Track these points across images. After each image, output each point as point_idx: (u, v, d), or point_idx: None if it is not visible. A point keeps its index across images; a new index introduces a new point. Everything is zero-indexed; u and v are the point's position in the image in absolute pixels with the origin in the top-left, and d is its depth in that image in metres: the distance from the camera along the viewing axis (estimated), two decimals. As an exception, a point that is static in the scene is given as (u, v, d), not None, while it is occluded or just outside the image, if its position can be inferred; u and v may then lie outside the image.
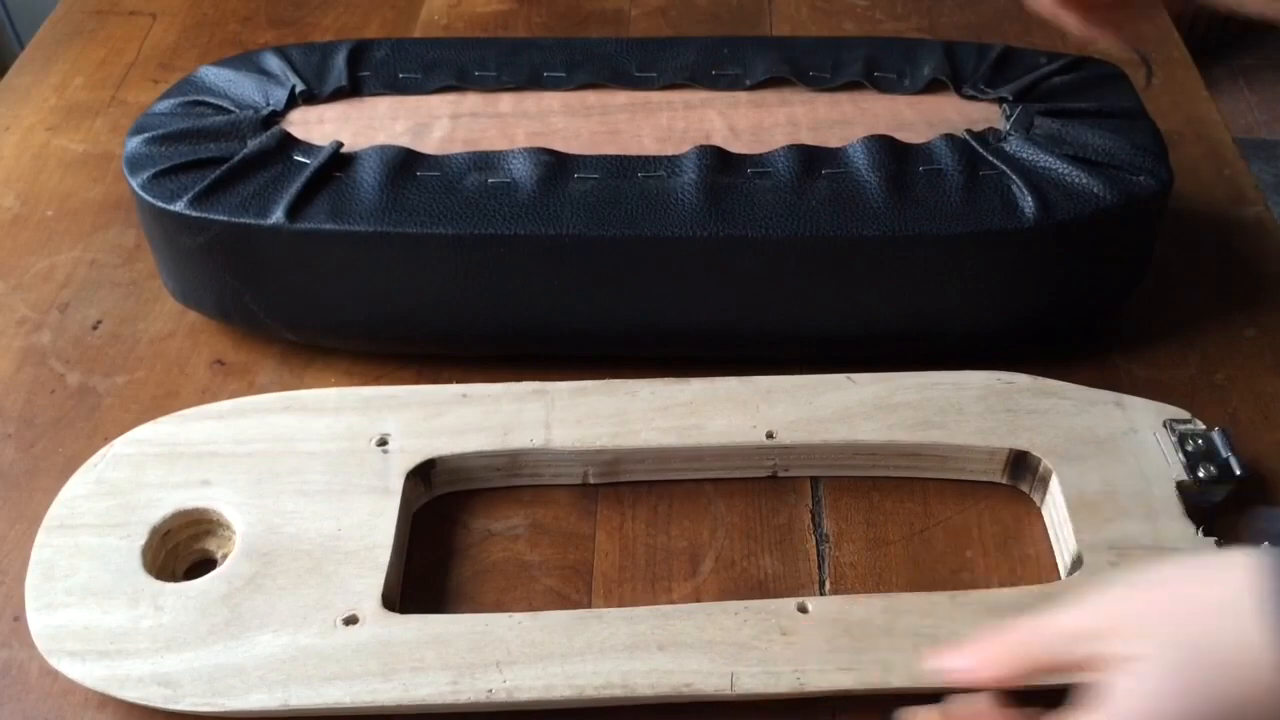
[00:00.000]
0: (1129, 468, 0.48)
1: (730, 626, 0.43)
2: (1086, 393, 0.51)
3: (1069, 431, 0.49)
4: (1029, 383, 0.51)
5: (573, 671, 0.42)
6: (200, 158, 0.53)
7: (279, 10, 0.81)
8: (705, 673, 0.42)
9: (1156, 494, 0.47)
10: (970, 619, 0.43)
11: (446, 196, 0.51)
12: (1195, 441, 0.49)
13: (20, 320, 0.60)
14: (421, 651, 0.43)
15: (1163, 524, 0.46)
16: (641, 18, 0.79)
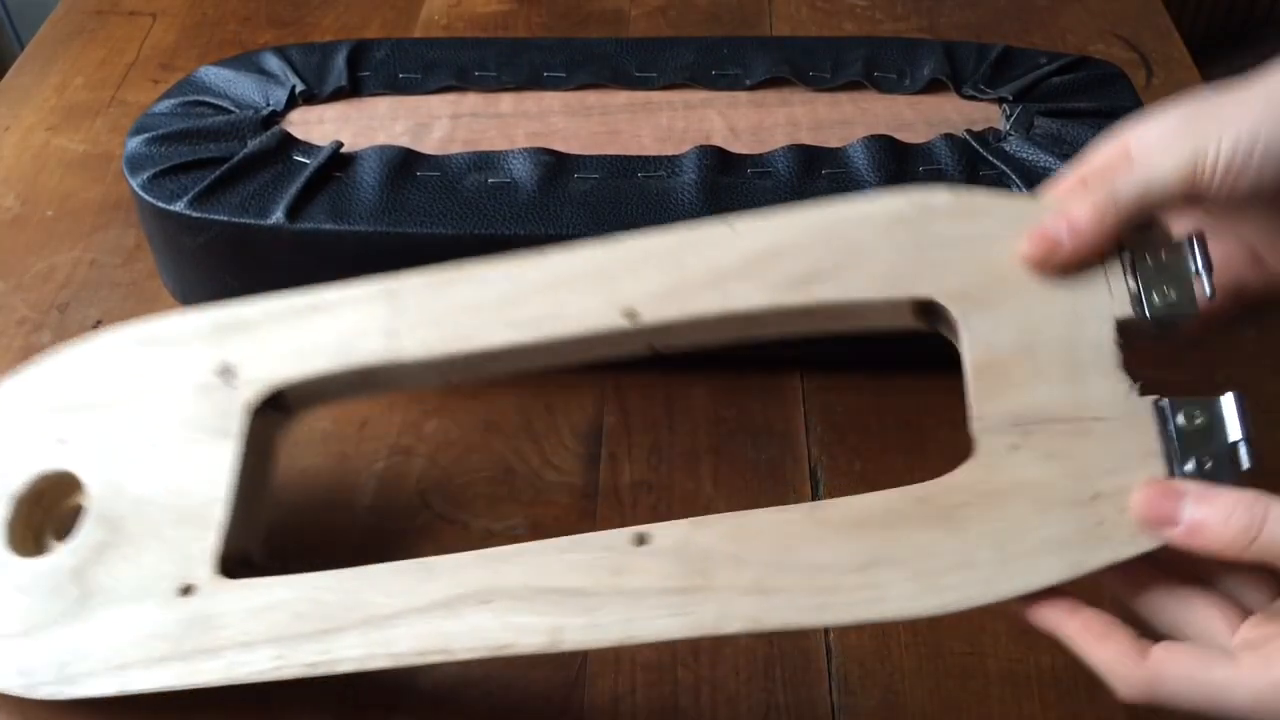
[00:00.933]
0: (1058, 308, 0.38)
1: (558, 570, 0.38)
2: (1022, 205, 0.39)
3: (990, 266, 0.39)
4: (949, 203, 0.40)
5: (391, 637, 0.38)
6: (200, 158, 0.53)
7: (279, 10, 0.81)
8: (528, 628, 0.37)
9: (1087, 340, 0.37)
10: (836, 540, 0.36)
11: (446, 196, 0.51)
12: (1155, 256, 0.37)
13: (20, 320, 0.60)
14: (247, 624, 0.40)
15: (1088, 384, 0.37)
16: (641, 18, 0.79)
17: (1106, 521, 0.35)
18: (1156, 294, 0.37)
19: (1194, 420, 0.36)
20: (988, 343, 0.38)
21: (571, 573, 0.38)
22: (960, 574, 0.35)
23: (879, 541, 0.36)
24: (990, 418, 0.37)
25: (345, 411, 0.55)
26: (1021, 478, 0.36)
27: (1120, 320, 0.37)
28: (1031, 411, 0.37)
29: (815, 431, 0.53)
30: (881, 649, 0.46)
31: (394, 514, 0.51)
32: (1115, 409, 0.36)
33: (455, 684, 0.45)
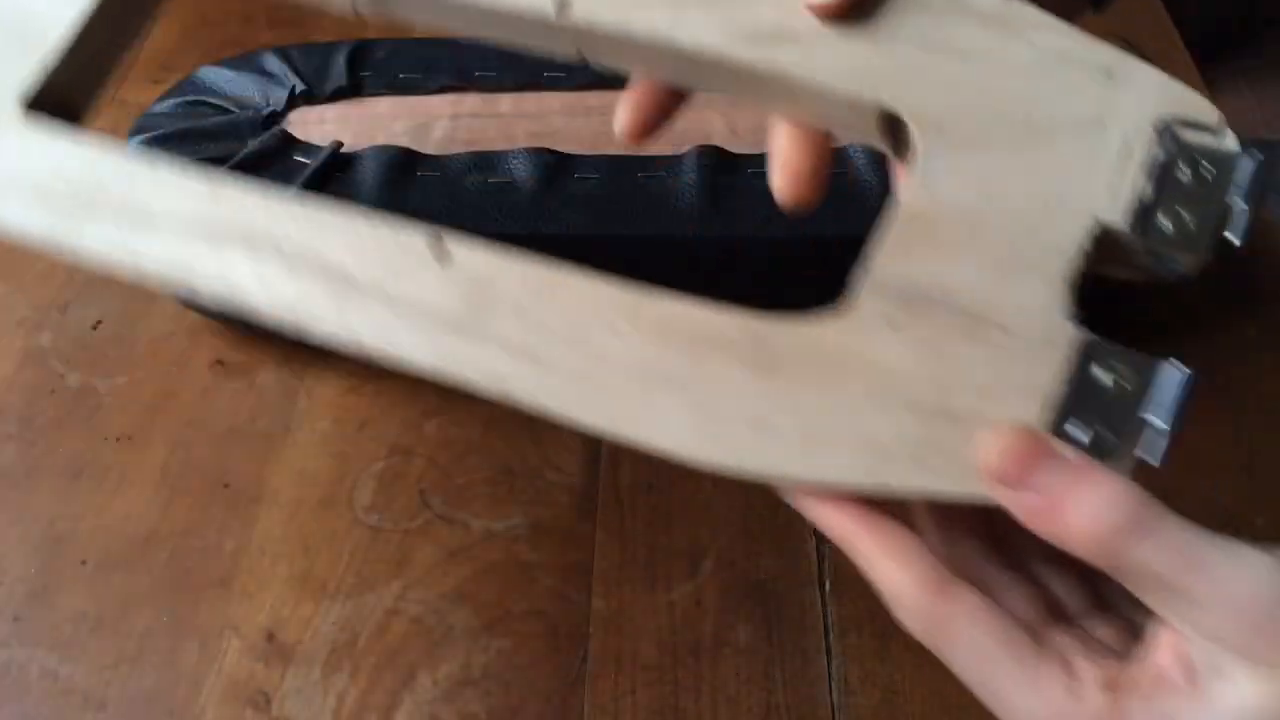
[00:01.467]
0: (1037, 181, 0.30)
1: (338, 245, 0.33)
2: (1065, 39, 0.31)
3: (988, 96, 0.31)
4: (989, 6, 0.32)
5: (143, 243, 0.34)
6: (200, 158, 0.53)
7: (279, 10, 0.81)
8: (278, 291, 0.33)
9: (1048, 232, 0.29)
10: (636, 337, 0.31)
11: (446, 196, 0.51)
12: (1193, 168, 0.29)
13: (20, 320, 0.60)
14: (12, 171, 0.35)
15: (1018, 284, 0.29)
16: (641, 18, 0.79)
17: (941, 447, 0.28)
18: (1168, 216, 0.29)
19: (1116, 379, 0.28)
20: (935, 189, 0.31)
21: (351, 254, 0.32)
22: (749, 432, 0.29)
23: (680, 359, 0.30)
24: (887, 278, 0.30)
25: (345, 411, 0.55)
26: (878, 359, 0.29)
27: (1104, 226, 0.30)
28: (935, 288, 0.30)
29: (815, 431, 0.53)
30: (881, 649, 0.46)
31: (394, 514, 0.51)
32: (1029, 325, 0.29)
33: (455, 684, 0.45)
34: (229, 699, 0.45)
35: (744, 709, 0.44)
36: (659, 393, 0.30)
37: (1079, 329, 0.29)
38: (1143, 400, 0.28)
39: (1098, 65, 0.31)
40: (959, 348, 0.29)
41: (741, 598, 0.47)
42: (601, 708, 0.44)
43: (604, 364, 0.31)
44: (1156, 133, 0.29)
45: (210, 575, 0.49)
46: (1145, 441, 0.28)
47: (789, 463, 0.29)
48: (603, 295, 0.32)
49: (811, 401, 0.29)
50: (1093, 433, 0.28)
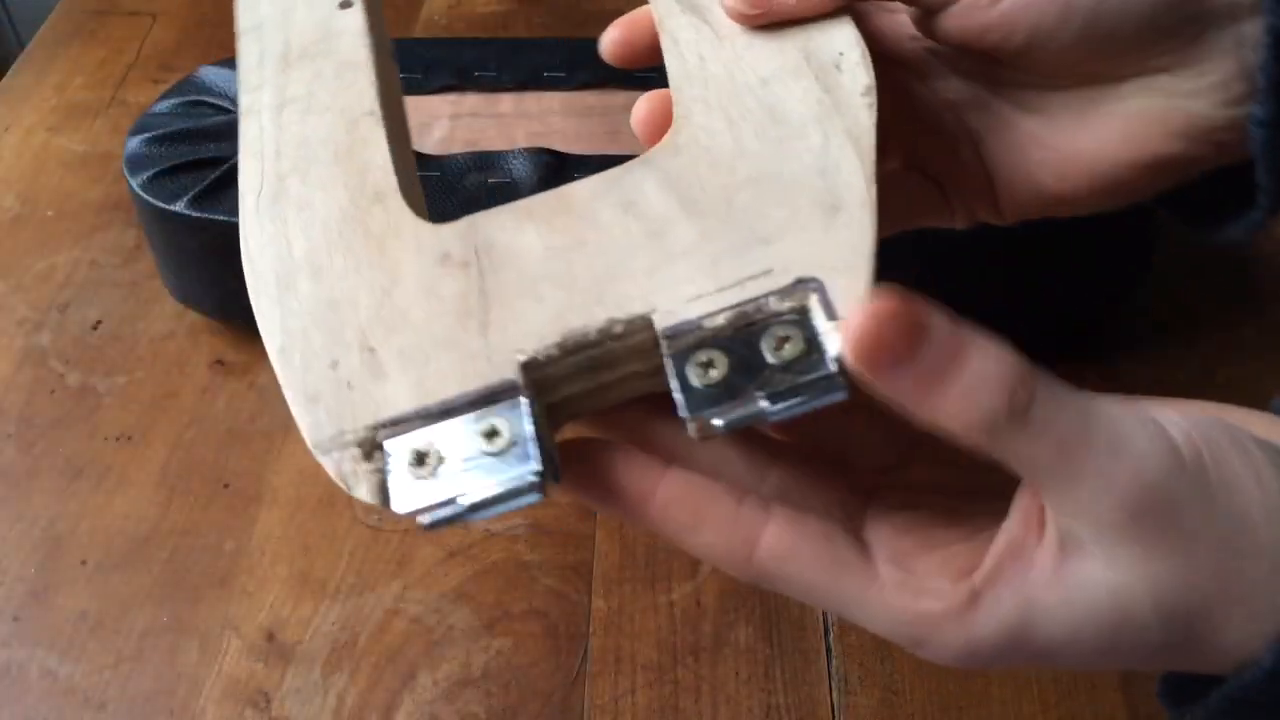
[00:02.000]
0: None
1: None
2: (846, 147, 0.27)
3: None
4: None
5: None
6: (200, 158, 0.53)
7: (279, 10, 0.81)
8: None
9: (600, 308, 0.26)
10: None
11: (446, 196, 0.51)
12: (783, 344, 0.24)
13: (20, 320, 0.60)
14: None
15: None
16: (641, 18, 0.79)
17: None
18: (702, 362, 0.24)
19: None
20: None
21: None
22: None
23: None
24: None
25: (345, 411, 0.55)
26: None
27: (645, 323, 0.26)
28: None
29: (815, 431, 0.53)
30: (881, 649, 0.46)
31: (394, 514, 0.50)
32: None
33: (455, 684, 0.45)
34: (229, 699, 0.45)
35: (744, 709, 0.44)
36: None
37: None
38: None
39: (829, 198, 0.27)
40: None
41: (741, 598, 0.47)
42: (601, 708, 0.44)
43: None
44: (794, 280, 0.25)
45: (210, 575, 0.49)
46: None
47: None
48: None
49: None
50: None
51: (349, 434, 0.25)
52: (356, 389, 0.26)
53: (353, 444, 0.25)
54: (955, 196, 0.33)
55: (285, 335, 0.27)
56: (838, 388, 0.24)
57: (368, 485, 0.25)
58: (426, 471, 0.25)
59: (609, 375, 0.26)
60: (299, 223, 0.29)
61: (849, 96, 0.28)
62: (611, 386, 0.27)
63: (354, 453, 0.25)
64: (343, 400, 0.25)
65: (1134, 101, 0.29)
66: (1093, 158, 0.30)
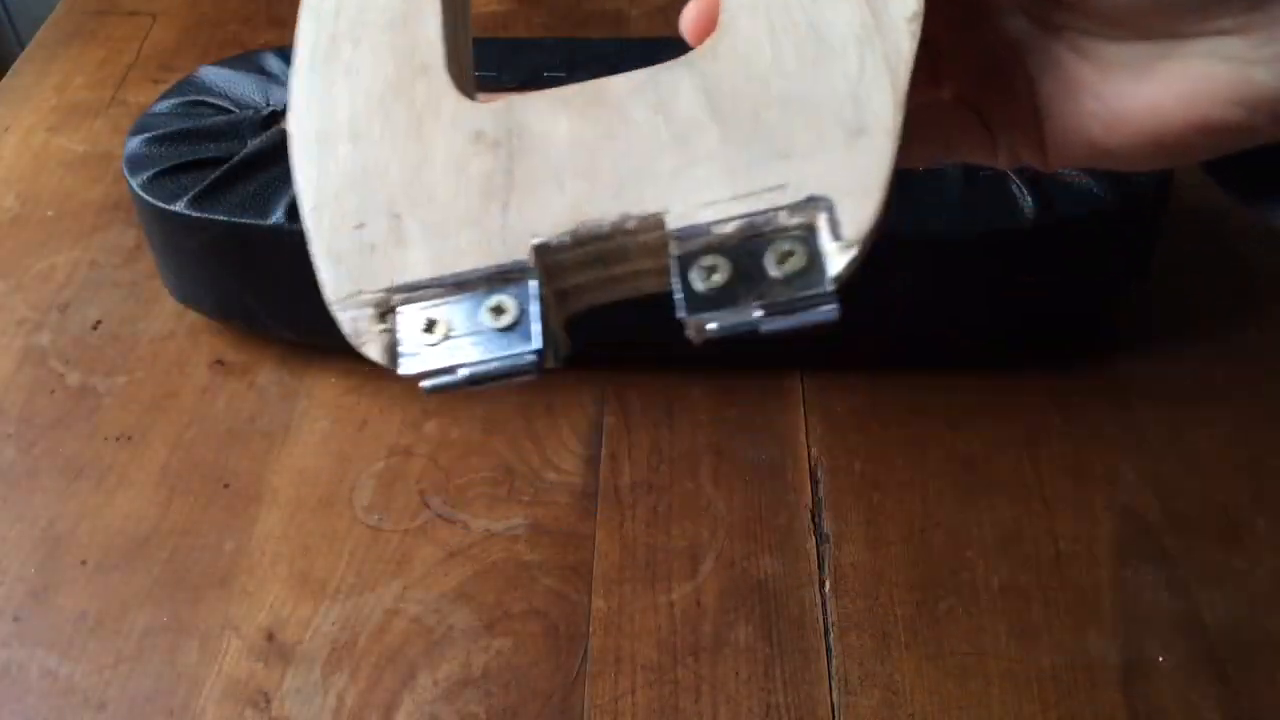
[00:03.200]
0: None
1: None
2: (878, 78, 0.28)
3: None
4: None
5: None
6: (200, 158, 0.53)
7: (279, 10, 0.81)
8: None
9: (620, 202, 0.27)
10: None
11: (446, 196, 0.51)
12: (787, 257, 0.25)
13: (20, 320, 0.60)
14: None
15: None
16: (641, 18, 0.79)
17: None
18: (705, 266, 0.26)
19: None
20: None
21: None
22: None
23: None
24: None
25: (345, 411, 0.55)
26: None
27: (659, 220, 0.26)
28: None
29: (815, 431, 0.53)
30: (881, 649, 0.46)
31: (394, 514, 0.51)
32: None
33: (455, 684, 0.45)
34: (229, 699, 0.45)
35: (744, 709, 0.44)
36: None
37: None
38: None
39: (856, 123, 0.27)
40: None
41: (741, 598, 0.47)
42: (601, 708, 0.44)
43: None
44: (805, 197, 0.26)
45: (210, 575, 0.49)
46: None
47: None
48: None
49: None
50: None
51: (366, 293, 0.26)
52: (379, 252, 0.27)
53: (369, 303, 0.26)
54: (1002, 134, 0.33)
55: (319, 194, 0.28)
56: (831, 308, 0.25)
57: (377, 345, 0.26)
58: (434, 339, 0.26)
59: (618, 269, 0.27)
60: (346, 87, 0.30)
61: (894, 21, 0.28)
62: (620, 280, 0.28)
63: (369, 312, 0.26)
64: (364, 261, 0.27)
65: (1195, 62, 0.28)
66: (1145, 114, 0.29)
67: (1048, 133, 0.32)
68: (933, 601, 0.47)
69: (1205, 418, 0.52)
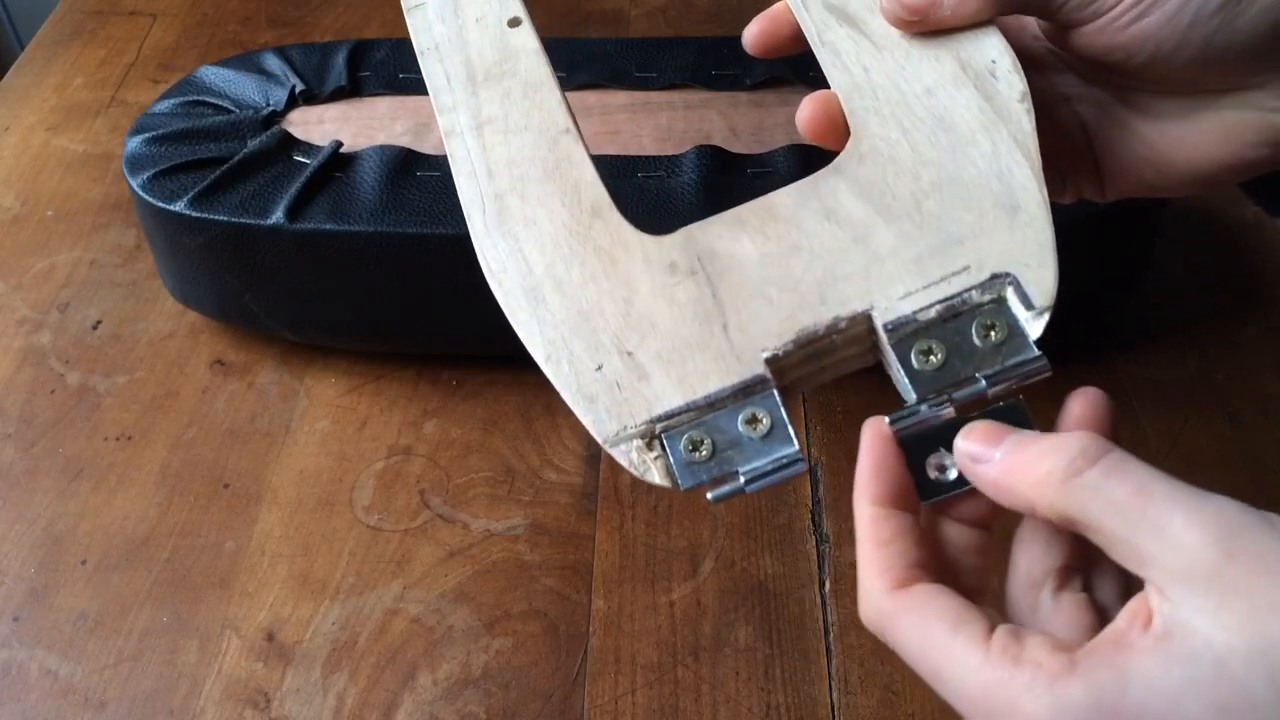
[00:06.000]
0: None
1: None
2: (1023, 163, 0.32)
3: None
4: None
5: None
6: (200, 158, 0.53)
7: (279, 10, 0.81)
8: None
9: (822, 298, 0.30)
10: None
11: (446, 196, 0.51)
12: (989, 331, 0.30)
13: (20, 320, 0.60)
14: None
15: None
16: (641, 18, 0.79)
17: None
18: (923, 349, 0.30)
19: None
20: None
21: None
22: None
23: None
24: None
25: (345, 411, 0.55)
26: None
27: (868, 316, 0.30)
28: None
29: (815, 431, 0.53)
30: (881, 649, 0.45)
31: (394, 514, 0.51)
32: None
33: (455, 684, 0.45)
34: (229, 699, 0.45)
35: (744, 709, 0.44)
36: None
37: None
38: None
39: (1008, 200, 0.31)
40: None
41: (741, 598, 0.47)
42: (601, 708, 0.44)
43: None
44: (990, 275, 0.30)
45: (210, 575, 0.49)
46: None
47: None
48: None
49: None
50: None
51: (630, 429, 0.29)
52: (625, 389, 0.30)
53: (635, 436, 0.29)
54: (1065, 176, 0.37)
55: (548, 345, 0.31)
56: (1043, 367, 0.29)
57: (657, 470, 0.29)
58: (703, 455, 0.29)
59: (827, 360, 0.31)
60: (530, 239, 0.33)
61: (1008, 103, 0.32)
62: (826, 369, 0.31)
63: (639, 444, 0.29)
64: (616, 399, 0.29)
65: (1231, 113, 0.33)
66: (1191, 156, 0.34)
67: (1105, 174, 0.36)
68: (933, 601, 0.47)
69: (1205, 418, 0.52)
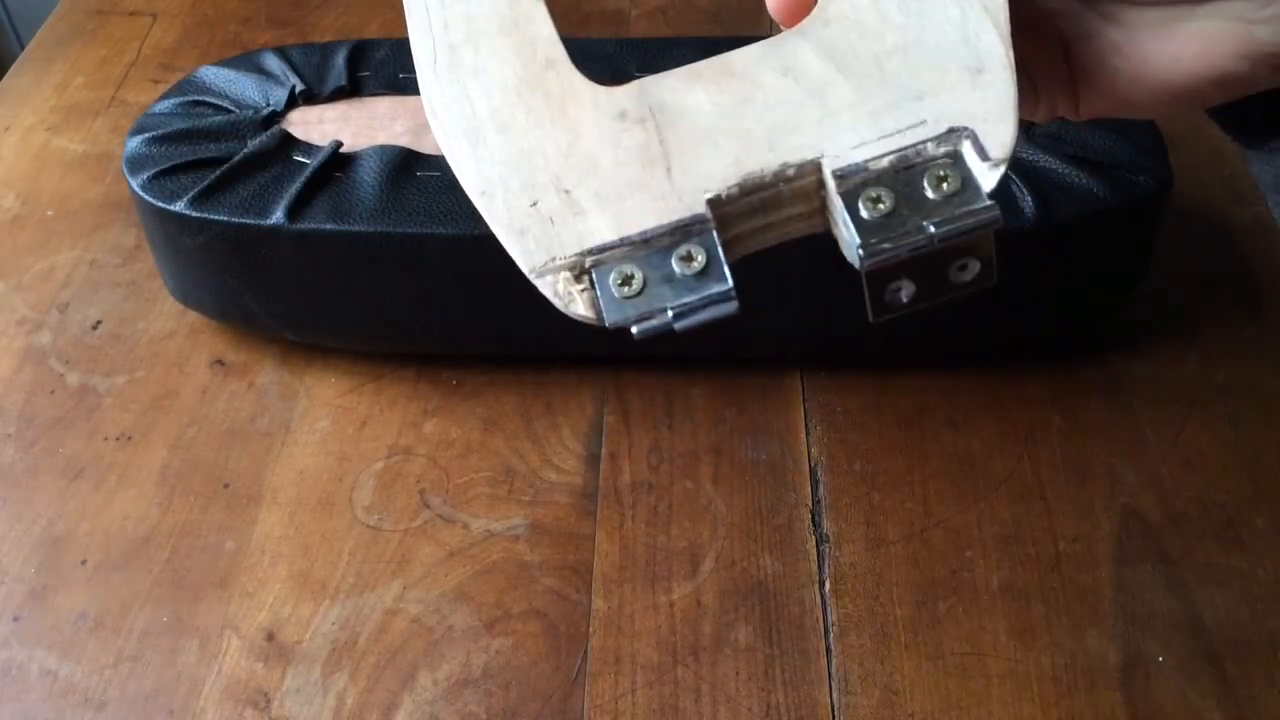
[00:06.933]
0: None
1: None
2: (987, 25, 0.32)
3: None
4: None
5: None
6: (200, 158, 0.53)
7: (279, 10, 0.81)
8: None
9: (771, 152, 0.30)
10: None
11: (446, 196, 0.51)
12: (942, 181, 0.29)
13: (20, 320, 0.60)
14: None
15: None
16: (641, 18, 0.79)
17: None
18: (870, 197, 0.29)
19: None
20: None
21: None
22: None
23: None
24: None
25: (345, 411, 0.55)
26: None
27: (816, 165, 0.29)
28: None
29: (815, 431, 0.53)
30: (881, 649, 0.46)
31: (394, 514, 0.51)
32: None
33: (455, 684, 0.45)
34: (229, 699, 0.45)
35: (744, 709, 0.44)
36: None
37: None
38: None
39: (973, 62, 0.31)
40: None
41: (741, 598, 0.47)
42: (601, 708, 0.44)
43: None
44: (947, 129, 0.30)
45: (210, 575, 0.49)
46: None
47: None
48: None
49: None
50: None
51: (560, 260, 0.29)
52: (559, 223, 0.29)
53: (564, 268, 0.29)
54: (1042, 89, 0.37)
55: (483, 180, 0.30)
56: (995, 217, 0.28)
57: (582, 302, 0.29)
58: (633, 290, 0.28)
59: (774, 216, 0.30)
60: (478, 86, 0.32)
61: None
62: (773, 227, 0.31)
63: (566, 275, 0.29)
64: (548, 233, 0.29)
65: (1208, 23, 0.32)
66: (1166, 70, 0.34)
67: (1079, 87, 0.36)
68: (933, 601, 0.47)
69: (1205, 418, 0.52)
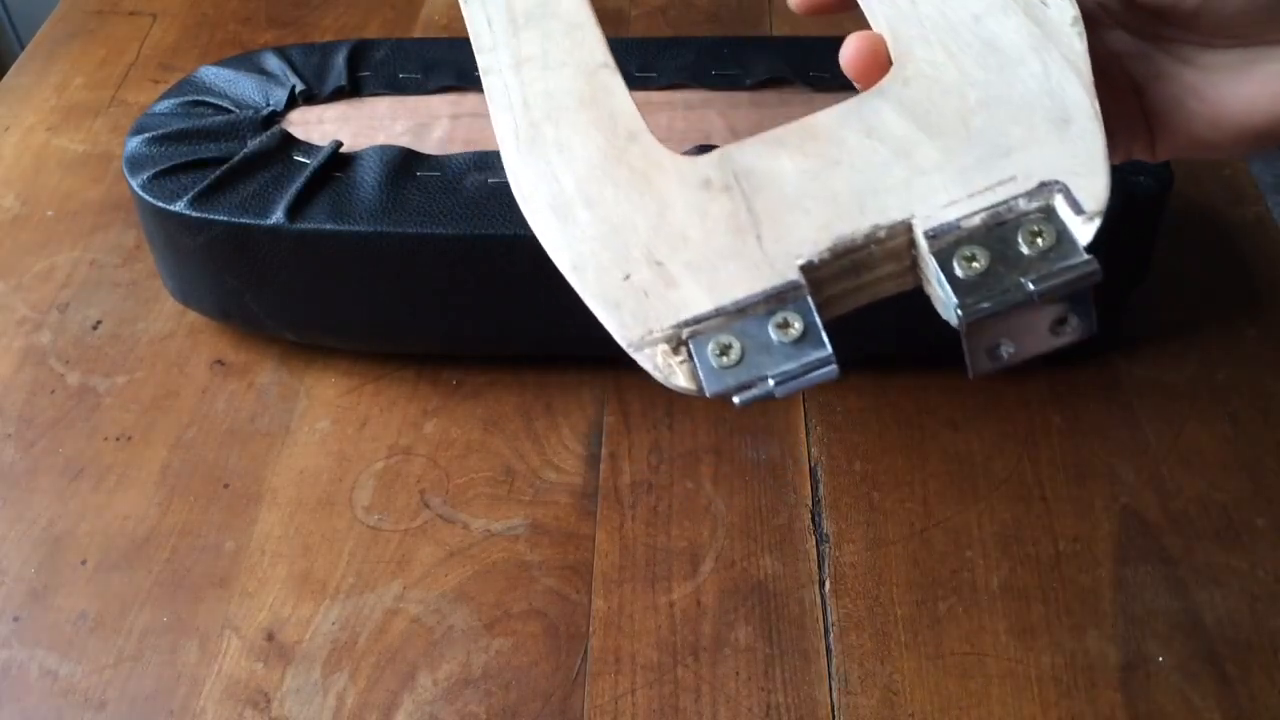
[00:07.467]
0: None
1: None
2: (1073, 77, 0.31)
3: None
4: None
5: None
6: (200, 158, 0.53)
7: (279, 10, 0.81)
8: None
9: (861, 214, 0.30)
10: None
11: (446, 196, 0.51)
12: (1036, 237, 0.28)
13: (20, 320, 0.60)
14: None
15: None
16: (641, 18, 0.79)
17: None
18: (965, 257, 0.28)
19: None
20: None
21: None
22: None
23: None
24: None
25: (345, 411, 0.55)
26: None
27: (909, 226, 0.29)
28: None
29: (815, 431, 0.53)
30: (881, 649, 0.46)
31: (394, 514, 0.51)
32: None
33: (455, 684, 0.45)
34: (229, 699, 0.45)
35: (744, 709, 0.44)
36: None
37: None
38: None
39: (1059, 114, 0.31)
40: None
41: (741, 598, 0.47)
42: (601, 708, 0.44)
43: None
44: (1038, 183, 0.29)
45: (210, 575, 0.49)
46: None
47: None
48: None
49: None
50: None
51: (656, 333, 0.29)
52: (653, 296, 0.29)
53: (662, 340, 0.29)
54: (1115, 135, 0.35)
55: (575, 256, 0.31)
56: (1094, 271, 0.27)
57: (682, 374, 0.28)
58: (731, 360, 0.28)
59: (865, 277, 0.30)
60: (562, 162, 0.33)
61: (1059, 27, 0.31)
62: (864, 288, 0.30)
63: (664, 348, 0.29)
64: (643, 305, 0.29)
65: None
66: (1244, 111, 0.33)
67: (1156, 132, 0.35)
68: (933, 601, 0.47)
69: (1205, 418, 0.52)
